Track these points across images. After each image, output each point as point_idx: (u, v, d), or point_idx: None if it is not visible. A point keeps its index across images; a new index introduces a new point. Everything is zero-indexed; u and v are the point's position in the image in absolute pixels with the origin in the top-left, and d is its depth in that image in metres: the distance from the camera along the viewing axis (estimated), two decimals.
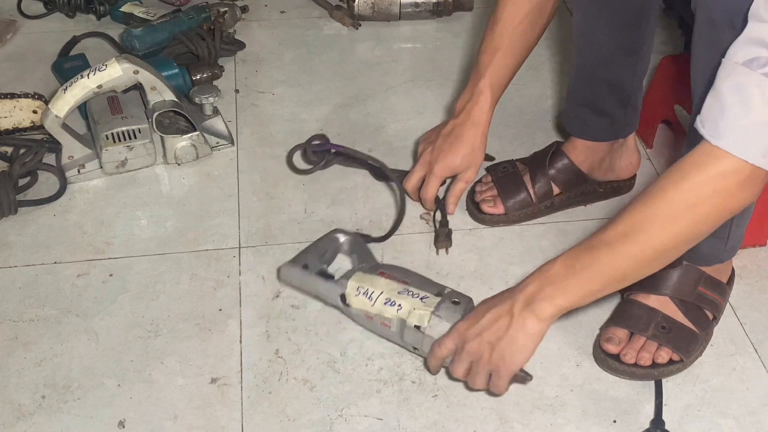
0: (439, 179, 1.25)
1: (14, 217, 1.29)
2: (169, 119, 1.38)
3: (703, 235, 0.87)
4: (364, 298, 1.06)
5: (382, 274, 1.08)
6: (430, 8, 1.73)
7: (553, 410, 1.03)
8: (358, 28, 1.71)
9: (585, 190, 1.30)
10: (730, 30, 0.84)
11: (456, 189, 1.26)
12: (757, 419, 1.02)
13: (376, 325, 1.07)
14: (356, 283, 1.08)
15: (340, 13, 1.74)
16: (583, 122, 1.27)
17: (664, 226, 0.84)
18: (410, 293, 1.05)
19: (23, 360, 1.08)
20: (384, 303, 1.05)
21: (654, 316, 1.07)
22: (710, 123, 0.80)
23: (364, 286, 1.07)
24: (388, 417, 1.02)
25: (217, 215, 1.30)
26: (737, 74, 0.78)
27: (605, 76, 1.21)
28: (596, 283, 0.90)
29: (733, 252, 1.10)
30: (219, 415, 1.02)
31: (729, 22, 0.84)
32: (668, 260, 0.88)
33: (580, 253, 0.90)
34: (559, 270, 0.91)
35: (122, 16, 1.73)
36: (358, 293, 1.07)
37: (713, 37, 0.87)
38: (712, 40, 0.88)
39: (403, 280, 1.07)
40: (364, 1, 1.71)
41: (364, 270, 1.10)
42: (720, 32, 0.86)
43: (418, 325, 1.03)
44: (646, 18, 1.15)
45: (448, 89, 1.58)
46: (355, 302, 1.07)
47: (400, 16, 1.73)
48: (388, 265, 1.14)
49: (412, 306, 1.03)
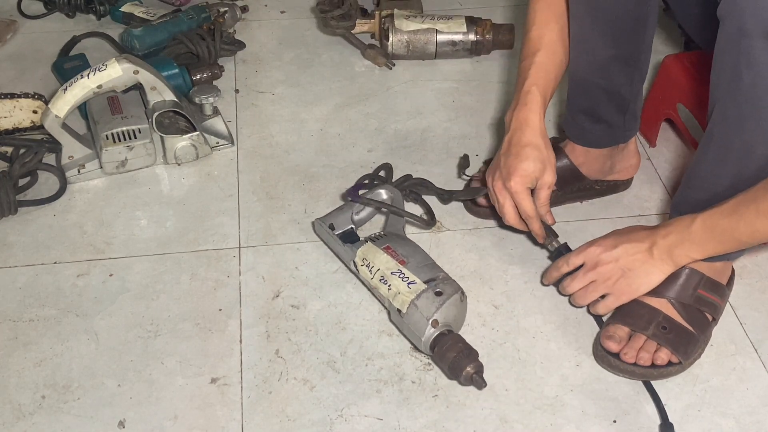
0: (524, 194, 1.14)
1: (14, 217, 1.29)
2: (169, 119, 1.38)
3: None
4: (367, 270, 1.12)
5: (386, 249, 1.12)
6: (468, 47, 1.64)
7: (553, 410, 1.03)
8: (392, 68, 1.64)
9: (581, 187, 1.30)
10: (764, 40, 0.83)
11: (542, 197, 1.15)
12: (757, 419, 1.02)
13: (377, 297, 1.12)
14: (362, 254, 1.13)
15: (374, 52, 1.64)
16: (581, 129, 1.25)
17: None
18: (401, 275, 1.08)
19: (23, 360, 1.08)
20: (379, 279, 1.09)
21: (655, 316, 1.07)
22: None
23: (368, 259, 1.12)
24: (388, 417, 1.02)
25: (217, 215, 1.30)
26: None
27: (602, 84, 1.19)
28: (732, 245, 0.99)
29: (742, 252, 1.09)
30: (219, 415, 1.02)
31: (763, 33, 0.83)
32: None
33: (722, 218, 0.96)
34: (698, 230, 0.99)
35: (122, 16, 1.73)
36: (363, 264, 1.12)
37: (743, 46, 0.86)
38: (741, 49, 0.86)
39: (402, 259, 1.10)
40: (399, 40, 1.64)
41: (374, 241, 1.15)
42: (751, 42, 0.85)
43: (398, 308, 1.06)
44: (643, 27, 1.13)
45: (449, 89, 1.58)
46: (361, 271, 1.13)
47: (437, 55, 1.65)
48: (399, 239, 1.16)
49: (398, 289, 1.07)
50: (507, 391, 1.05)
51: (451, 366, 1.01)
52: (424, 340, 1.04)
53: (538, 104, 1.14)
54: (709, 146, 0.99)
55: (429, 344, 1.04)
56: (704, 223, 0.98)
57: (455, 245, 1.25)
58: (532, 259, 1.22)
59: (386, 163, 1.34)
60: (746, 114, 0.91)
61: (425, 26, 1.64)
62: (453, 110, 1.53)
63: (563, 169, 1.27)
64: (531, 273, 1.20)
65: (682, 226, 1.01)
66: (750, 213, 0.92)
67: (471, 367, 1.01)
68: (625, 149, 1.28)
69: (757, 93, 0.89)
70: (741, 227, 0.94)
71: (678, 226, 1.02)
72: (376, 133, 1.47)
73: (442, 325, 1.04)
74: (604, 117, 1.23)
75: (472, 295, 1.16)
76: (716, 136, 0.98)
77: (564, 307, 1.16)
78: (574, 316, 1.14)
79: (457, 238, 1.26)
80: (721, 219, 0.96)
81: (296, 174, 1.38)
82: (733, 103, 0.92)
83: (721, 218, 0.96)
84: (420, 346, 1.06)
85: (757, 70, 0.87)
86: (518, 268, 1.21)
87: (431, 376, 1.06)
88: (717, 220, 0.97)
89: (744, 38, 0.86)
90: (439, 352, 1.03)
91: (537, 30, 1.16)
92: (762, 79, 0.87)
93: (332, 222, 1.21)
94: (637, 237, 1.06)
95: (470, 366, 1.01)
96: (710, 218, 0.97)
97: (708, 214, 0.98)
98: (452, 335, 1.04)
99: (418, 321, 1.04)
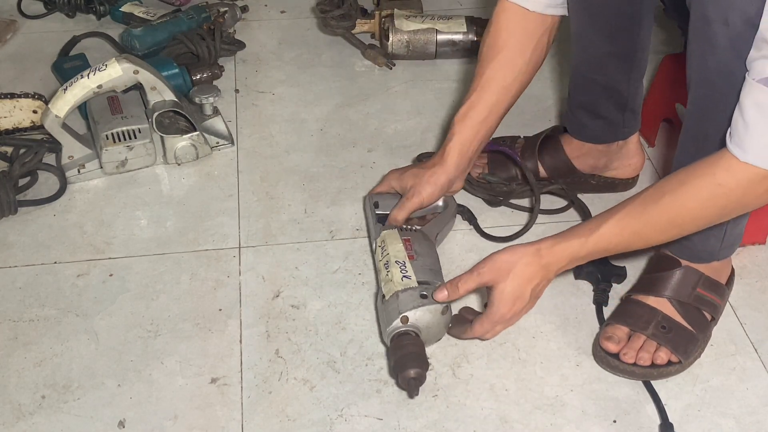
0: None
1: (14, 217, 1.29)
2: (169, 119, 1.38)
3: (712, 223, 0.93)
4: (380, 251, 1.13)
5: (405, 241, 1.13)
6: (468, 47, 1.64)
7: (553, 410, 1.03)
8: (392, 68, 1.64)
9: (574, 179, 1.30)
10: (724, 27, 0.86)
11: (407, 205, 1.18)
12: (757, 419, 1.02)
13: (377, 279, 1.14)
14: (384, 237, 1.14)
15: (374, 52, 1.64)
16: (581, 124, 1.27)
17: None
18: (402, 268, 1.08)
19: (23, 360, 1.08)
20: (384, 264, 1.11)
21: (654, 316, 1.07)
22: (737, 138, 0.84)
23: (385, 243, 1.13)
24: (388, 417, 1.02)
25: (217, 215, 1.30)
26: (756, 92, 0.82)
27: (600, 80, 1.21)
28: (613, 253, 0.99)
29: (731, 251, 1.10)
30: (219, 415, 1.02)
31: (723, 19, 0.85)
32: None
33: (612, 238, 0.95)
34: (587, 256, 0.98)
35: (122, 16, 1.73)
36: (380, 245, 1.14)
37: (707, 33, 0.88)
38: (705, 37, 0.89)
39: (412, 254, 1.11)
40: (399, 40, 1.64)
41: (401, 230, 1.15)
42: (714, 29, 0.87)
43: (384, 294, 1.07)
44: (638, 24, 1.14)
45: (449, 89, 1.58)
46: (376, 251, 1.15)
47: (437, 55, 1.65)
48: (424, 239, 1.15)
49: (392, 277, 1.07)
50: (507, 391, 1.05)
51: (396, 363, 1.00)
52: (388, 330, 1.04)
53: (453, 155, 1.17)
54: (686, 134, 1.01)
55: (391, 336, 1.03)
56: (594, 248, 0.97)
57: (455, 245, 1.25)
58: None
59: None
60: (716, 100, 0.92)
61: (425, 26, 1.63)
62: (453, 110, 1.53)
63: (557, 160, 1.29)
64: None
65: (571, 256, 0.99)
66: (643, 232, 0.93)
67: (414, 372, 0.99)
68: (624, 147, 1.29)
69: (720, 78, 0.90)
70: (632, 244, 0.95)
71: (568, 257, 0.99)
72: (376, 133, 1.47)
73: (410, 325, 1.03)
74: (603, 113, 1.24)
75: (472, 295, 1.16)
76: (691, 124, 0.99)
77: (564, 307, 1.16)
78: (574, 316, 1.14)
79: (457, 238, 1.26)
80: (612, 239, 0.95)
81: (296, 174, 1.38)
82: (704, 89, 0.94)
83: (611, 238, 0.95)
84: (384, 335, 1.06)
85: (719, 57, 0.88)
86: None
87: (431, 376, 1.06)
88: (606, 244, 0.96)
89: (707, 25, 0.88)
90: (394, 347, 1.02)
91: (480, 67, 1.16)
92: (723, 65, 0.89)
93: (378, 201, 1.23)
94: (523, 290, 1.01)
95: (413, 370, 0.99)
96: (599, 242, 0.96)
97: (597, 238, 0.96)
98: (415, 338, 1.03)
99: (392, 311, 1.04)
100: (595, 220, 0.97)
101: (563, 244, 0.98)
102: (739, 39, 0.85)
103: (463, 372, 1.07)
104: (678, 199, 0.89)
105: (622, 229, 0.94)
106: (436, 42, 1.64)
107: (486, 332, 1.05)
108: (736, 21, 0.85)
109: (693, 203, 0.89)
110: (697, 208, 0.89)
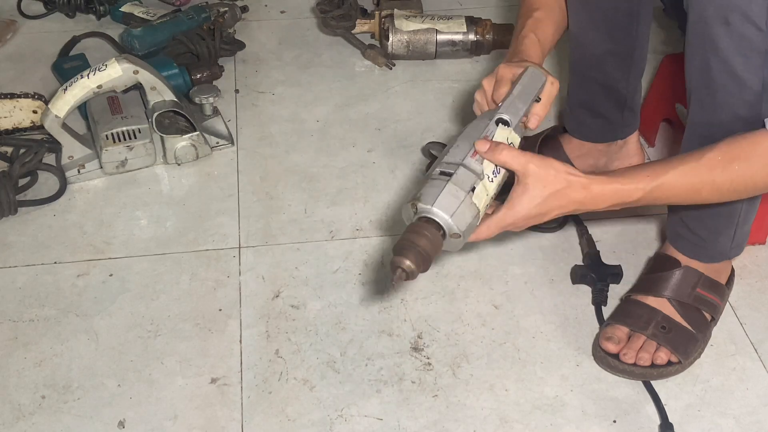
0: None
1: (14, 217, 1.29)
2: (169, 119, 1.38)
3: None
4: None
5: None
6: (468, 47, 1.64)
7: (553, 410, 1.03)
8: (392, 68, 1.64)
9: None
10: (725, 27, 0.85)
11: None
12: (757, 419, 1.02)
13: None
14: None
15: (374, 52, 1.64)
16: (580, 122, 1.27)
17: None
18: (442, 163, 0.88)
19: (23, 360, 1.08)
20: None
21: (654, 316, 1.07)
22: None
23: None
24: (388, 417, 1.02)
25: (217, 215, 1.30)
26: None
27: (598, 78, 1.21)
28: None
29: (739, 250, 1.10)
30: (219, 415, 1.02)
31: (723, 19, 0.85)
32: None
33: (674, 187, 0.89)
34: (638, 201, 0.89)
35: (122, 16, 1.73)
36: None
37: (708, 34, 0.88)
38: (706, 37, 0.88)
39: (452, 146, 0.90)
40: (399, 40, 1.63)
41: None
42: (714, 29, 0.87)
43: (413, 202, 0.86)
44: (636, 22, 1.14)
45: (449, 89, 1.58)
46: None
47: (436, 54, 1.64)
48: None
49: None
50: (507, 391, 1.05)
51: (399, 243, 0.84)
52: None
53: (536, 46, 1.05)
54: (691, 135, 1.01)
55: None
56: (649, 196, 0.89)
57: None
58: (532, 259, 1.22)
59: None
60: (720, 100, 0.92)
61: (425, 26, 1.63)
62: (453, 110, 1.53)
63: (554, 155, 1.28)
64: (531, 273, 1.20)
65: (622, 199, 0.89)
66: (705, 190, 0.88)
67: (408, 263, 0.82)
68: (624, 147, 1.29)
69: (723, 78, 0.90)
70: (685, 200, 0.91)
71: (619, 198, 0.89)
72: (376, 133, 1.47)
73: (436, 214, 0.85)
74: (602, 112, 1.24)
75: (472, 295, 1.16)
76: (696, 126, 0.99)
77: (564, 307, 1.16)
78: (574, 316, 1.14)
79: None
80: (671, 191, 0.89)
81: (296, 174, 1.38)
82: (707, 90, 0.93)
83: (670, 191, 0.89)
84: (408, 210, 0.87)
85: (722, 57, 0.88)
86: (518, 268, 1.21)
87: (431, 376, 1.06)
88: (660, 194, 0.89)
89: (706, 26, 0.88)
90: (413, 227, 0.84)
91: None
92: (726, 64, 0.88)
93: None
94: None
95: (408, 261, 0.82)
96: (654, 192, 0.88)
97: (655, 187, 0.88)
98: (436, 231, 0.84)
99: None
100: (651, 166, 0.90)
101: (615, 185, 0.88)
102: (741, 38, 0.86)
103: (463, 372, 1.07)
104: (751, 167, 0.87)
105: (683, 183, 0.89)
106: (436, 42, 1.64)
107: (491, 234, 0.90)
108: (736, 21, 0.85)
109: (763, 174, 0.87)
110: (765, 179, 0.88)
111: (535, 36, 1.06)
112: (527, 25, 1.07)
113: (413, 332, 1.12)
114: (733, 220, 1.05)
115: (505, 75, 0.98)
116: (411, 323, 1.13)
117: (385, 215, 1.30)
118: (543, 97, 0.97)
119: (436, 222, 0.84)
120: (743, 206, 1.04)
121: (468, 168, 0.86)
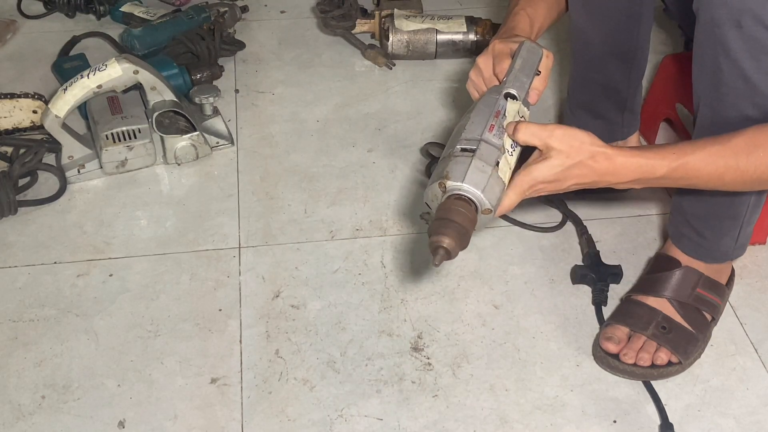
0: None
1: (14, 217, 1.29)
2: (169, 119, 1.38)
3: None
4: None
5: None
6: (468, 47, 1.64)
7: (553, 410, 1.03)
8: (392, 68, 1.64)
9: None
10: (737, 29, 0.84)
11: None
12: (757, 419, 1.02)
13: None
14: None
15: (374, 52, 1.65)
16: (580, 124, 1.25)
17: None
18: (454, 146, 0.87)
19: (23, 360, 1.08)
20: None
21: (654, 316, 1.07)
22: None
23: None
24: (388, 417, 1.02)
25: (217, 215, 1.30)
26: None
27: (599, 80, 1.21)
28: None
29: (742, 251, 1.10)
30: (219, 415, 1.02)
31: (735, 22, 0.84)
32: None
33: (697, 171, 0.88)
34: (660, 181, 0.89)
35: (122, 16, 1.73)
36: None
37: (718, 37, 0.87)
38: (717, 40, 0.88)
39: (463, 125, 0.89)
40: (399, 40, 1.63)
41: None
42: (725, 32, 0.86)
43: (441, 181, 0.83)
44: (637, 23, 1.14)
45: (449, 89, 1.58)
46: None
47: (437, 55, 1.65)
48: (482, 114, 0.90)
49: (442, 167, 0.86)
50: (507, 391, 1.05)
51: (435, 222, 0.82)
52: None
53: (527, 22, 1.05)
54: (700, 136, 0.99)
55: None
56: (673, 175, 0.88)
57: None
58: (532, 259, 1.22)
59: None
60: (729, 102, 0.92)
61: (425, 26, 1.64)
62: (453, 110, 1.53)
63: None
64: (531, 273, 1.20)
65: (645, 175, 0.88)
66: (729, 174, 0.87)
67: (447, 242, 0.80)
68: None
69: (734, 80, 0.89)
70: (707, 184, 0.89)
71: (643, 174, 0.88)
72: (376, 133, 1.47)
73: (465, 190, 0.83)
74: (602, 113, 1.24)
75: (472, 295, 1.16)
76: (705, 129, 0.98)
77: (564, 307, 1.16)
78: (574, 316, 1.14)
79: None
80: (695, 173, 0.87)
81: (296, 174, 1.38)
82: (717, 93, 0.93)
83: (695, 172, 0.87)
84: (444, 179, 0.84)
85: (733, 59, 0.88)
86: (518, 268, 1.21)
87: (431, 376, 1.06)
88: (685, 173, 0.88)
89: (717, 28, 0.87)
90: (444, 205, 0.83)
91: None
92: (739, 69, 0.88)
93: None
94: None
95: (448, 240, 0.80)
96: (679, 170, 0.87)
97: (680, 165, 0.87)
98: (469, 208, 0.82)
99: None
100: (678, 145, 0.89)
101: (640, 159, 0.87)
102: (753, 41, 0.85)
103: (463, 372, 1.07)
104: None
105: (707, 165, 0.87)
106: (436, 42, 1.64)
107: (512, 205, 0.87)
108: (749, 23, 0.84)
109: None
110: None
111: (526, 13, 1.06)
112: (520, 2, 1.08)
113: (413, 332, 1.12)
114: (738, 221, 1.05)
115: (503, 50, 0.98)
116: (411, 323, 1.13)
117: (385, 215, 1.30)
118: (542, 69, 0.96)
119: (467, 198, 0.82)
120: (748, 207, 1.04)
121: (489, 143, 0.85)
